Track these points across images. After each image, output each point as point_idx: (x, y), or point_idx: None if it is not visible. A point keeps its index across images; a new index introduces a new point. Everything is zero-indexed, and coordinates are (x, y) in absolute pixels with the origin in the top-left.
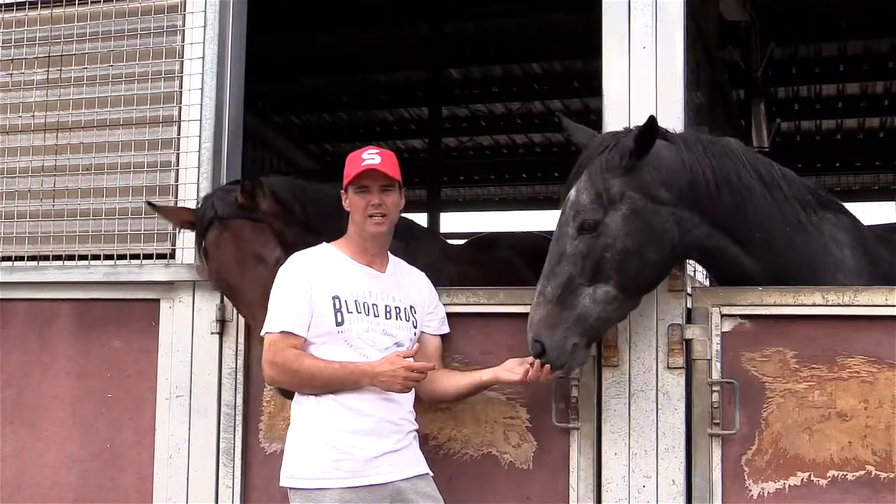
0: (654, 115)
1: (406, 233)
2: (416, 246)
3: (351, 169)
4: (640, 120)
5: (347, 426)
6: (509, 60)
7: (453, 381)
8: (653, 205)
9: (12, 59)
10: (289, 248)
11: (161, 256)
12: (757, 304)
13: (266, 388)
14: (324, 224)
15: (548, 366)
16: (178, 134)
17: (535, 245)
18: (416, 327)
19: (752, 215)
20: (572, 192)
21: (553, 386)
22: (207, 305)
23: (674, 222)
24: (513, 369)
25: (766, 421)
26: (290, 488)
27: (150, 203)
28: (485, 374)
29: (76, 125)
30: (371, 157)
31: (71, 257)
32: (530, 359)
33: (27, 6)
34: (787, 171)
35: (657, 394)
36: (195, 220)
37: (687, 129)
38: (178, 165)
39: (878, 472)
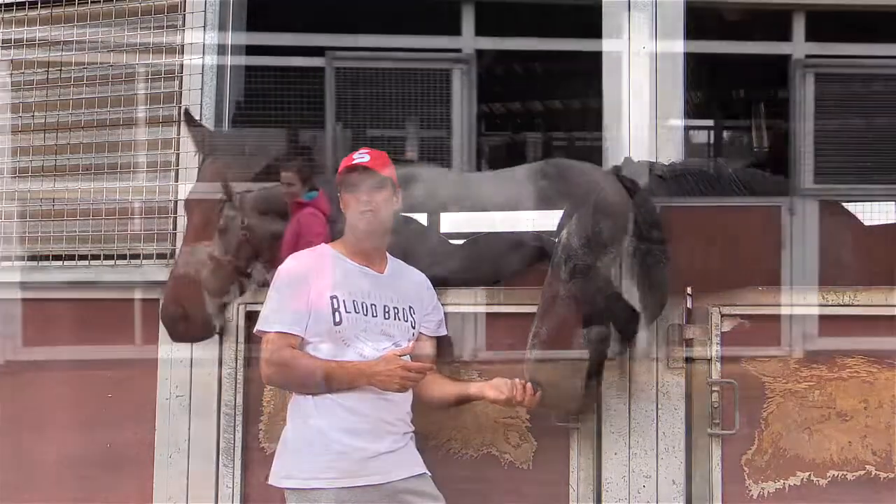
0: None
1: (410, 232)
2: (420, 246)
3: (342, 169)
4: (639, 120)
5: (343, 426)
6: None
7: (441, 388)
8: (645, 245)
9: (12, 60)
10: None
11: (161, 256)
12: (757, 304)
13: (266, 388)
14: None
15: (531, 387)
16: (178, 134)
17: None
18: (414, 327)
19: None
20: (563, 234)
21: None
22: None
23: (666, 257)
24: (499, 387)
25: (766, 421)
26: (286, 489)
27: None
28: (472, 388)
29: (76, 125)
30: (361, 156)
31: (71, 257)
32: (518, 380)
33: (27, 6)
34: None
35: (657, 394)
36: None
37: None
38: (178, 165)
39: (878, 472)
